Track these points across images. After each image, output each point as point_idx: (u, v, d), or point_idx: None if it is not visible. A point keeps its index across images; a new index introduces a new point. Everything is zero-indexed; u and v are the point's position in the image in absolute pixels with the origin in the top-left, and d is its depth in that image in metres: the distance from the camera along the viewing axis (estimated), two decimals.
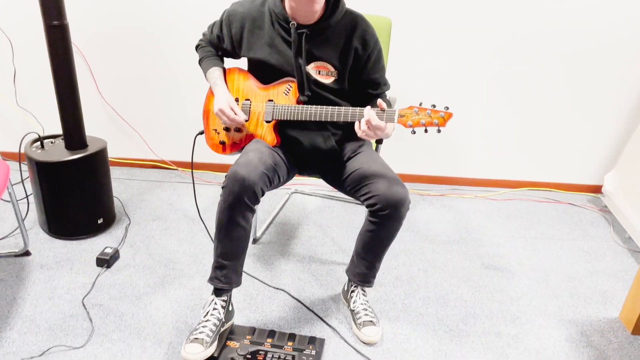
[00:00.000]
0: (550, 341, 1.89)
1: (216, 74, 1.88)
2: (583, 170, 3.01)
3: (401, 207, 1.69)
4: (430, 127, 1.55)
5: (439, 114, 1.53)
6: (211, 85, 1.88)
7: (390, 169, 1.78)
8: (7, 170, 1.91)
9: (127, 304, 1.95)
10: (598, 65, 2.69)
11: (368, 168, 1.77)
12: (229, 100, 1.81)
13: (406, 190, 1.69)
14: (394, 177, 1.73)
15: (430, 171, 3.04)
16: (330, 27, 1.74)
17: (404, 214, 1.72)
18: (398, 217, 1.71)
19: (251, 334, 1.78)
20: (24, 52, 2.78)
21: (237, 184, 1.62)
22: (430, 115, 1.54)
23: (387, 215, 1.70)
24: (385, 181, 1.70)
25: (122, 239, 2.35)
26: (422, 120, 1.55)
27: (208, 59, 1.92)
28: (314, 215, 2.66)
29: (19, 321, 1.84)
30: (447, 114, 1.52)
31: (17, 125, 2.99)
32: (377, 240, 1.81)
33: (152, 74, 2.82)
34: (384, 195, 1.67)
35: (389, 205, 1.67)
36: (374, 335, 1.82)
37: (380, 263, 1.89)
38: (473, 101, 2.81)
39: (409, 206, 1.71)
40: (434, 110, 1.53)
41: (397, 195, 1.67)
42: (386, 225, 1.75)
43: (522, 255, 2.40)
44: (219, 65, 1.92)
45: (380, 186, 1.69)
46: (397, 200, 1.67)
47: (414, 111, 1.55)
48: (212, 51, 1.94)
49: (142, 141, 3.01)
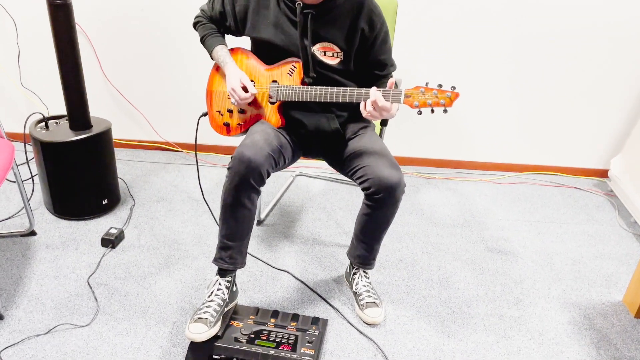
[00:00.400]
0: (553, 324, 1.89)
1: (223, 52, 1.86)
2: (589, 154, 2.98)
3: (395, 191, 1.67)
4: (436, 107, 1.54)
5: (446, 94, 1.51)
6: (220, 64, 1.86)
7: (387, 152, 1.76)
8: (12, 150, 1.92)
9: (132, 284, 1.97)
10: (605, 48, 2.66)
11: (365, 151, 1.76)
12: (241, 76, 1.79)
13: (400, 174, 1.68)
14: (390, 160, 1.72)
15: (435, 154, 3.02)
16: (336, 8, 1.72)
17: (399, 197, 1.70)
18: (393, 201, 1.70)
19: (255, 314, 1.79)
20: (27, 31, 2.77)
21: (242, 165, 1.61)
22: (437, 95, 1.52)
23: (382, 199, 1.69)
24: (379, 164, 1.69)
25: (127, 220, 2.36)
26: (428, 101, 1.53)
27: (211, 37, 1.89)
28: (318, 197, 2.66)
29: (25, 300, 1.86)
30: (454, 93, 1.51)
31: (21, 106, 2.99)
32: (374, 224, 1.80)
33: (156, 54, 2.80)
34: (378, 179, 1.66)
35: (382, 189, 1.67)
36: (376, 316, 1.83)
37: (380, 245, 1.89)
38: (479, 84, 2.79)
39: (404, 189, 1.70)
40: (440, 90, 1.52)
41: (391, 179, 1.65)
42: (382, 209, 1.74)
43: (526, 238, 2.40)
44: (223, 42, 1.89)
45: (374, 169, 1.68)
46: (391, 184, 1.65)
47: (420, 91, 1.54)
48: (213, 28, 1.90)
49: (146, 123, 3.00)
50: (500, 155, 3.01)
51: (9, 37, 2.78)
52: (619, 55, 2.67)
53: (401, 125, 2.92)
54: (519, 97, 2.82)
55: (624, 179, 2.78)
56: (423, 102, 1.54)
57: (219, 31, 1.91)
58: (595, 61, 2.70)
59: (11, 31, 2.76)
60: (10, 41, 2.79)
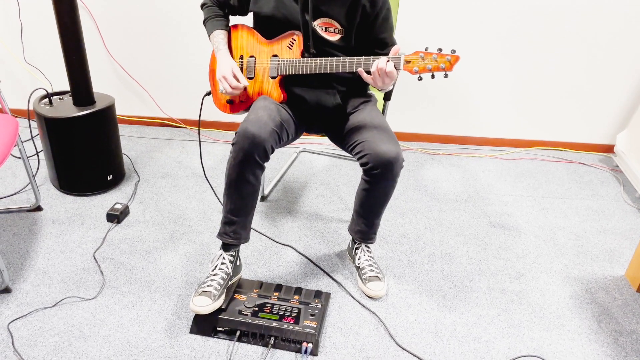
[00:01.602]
0: (554, 297, 1.90)
1: (219, 38, 1.85)
2: (595, 130, 2.96)
3: (393, 166, 1.67)
4: (437, 72, 1.52)
5: (446, 57, 1.49)
6: (214, 49, 1.86)
7: (386, 126, 1.75)
8: (16, 125, 1.92)
9: (138, 258, 1.99)
10: (611, 22, 2.61)
11: (363, 125, 1.76)
12: (232, 65, 1.78)
13: (398, 149, 1.67)
14: (388, 135, 1.71)
15: (439, 130, 3.01)
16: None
17: (397, 172, 1.70)
18: (391, 176, 1.70)
19: (258, 288, 1.81)
20: (30, 7, 2.75)
21: (247, 141, 1.61)
22: (437, 60, 1.50)
23: (379, 174, 1.69)
24: (377, 139, 1.68)
25: (132, 196, 2.38)
26: (428, 65, 1.51)
27: (212, 20, 1.88)
28: (322, 173, 2.66)
29: (32, 273, 1.89)
30: (454, 57, 1.49)
31: (25, 82, 2.99)
32: (373, 199, 1.81)
33: (160, 31, 2.78)
34: (375, 154, 1.66)
35: (380, 164, 1.66)
36: (379, 289, 1.85)
37: (379, 220, 1.89)
38: (484, 59, 2.76)
39: (403, 164, 1.70)
40: (440, 55, 1.50)
41: (388, 154, 1.65)
42: (380, 184, 1.74)
43: (529, 214, 2.40)
44: (223, 28, 1.88)
45: (372, 145, 1.68)
46: (388, 159, 1.65)
47: (419, 57, 1.52)
48: (217, 12, 1.89)
49: (150, 99, 3.00)
50: (504, 130, 2.99)
51: (11, 12, 2.77)
52: (626, 30, 2.63)
53: (405, 101, 2.90)
54: (524, 72, 2.79)
55: (629, 154, 2.77)
56: (423, 67, 1.52)
57: (224, 12, 1.90)
58: (601, 36, 2.66)
59: (14, 6, 2.75)
60: (13, 17, 2.78)
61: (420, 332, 1.73)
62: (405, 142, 3.03)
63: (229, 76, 1.75)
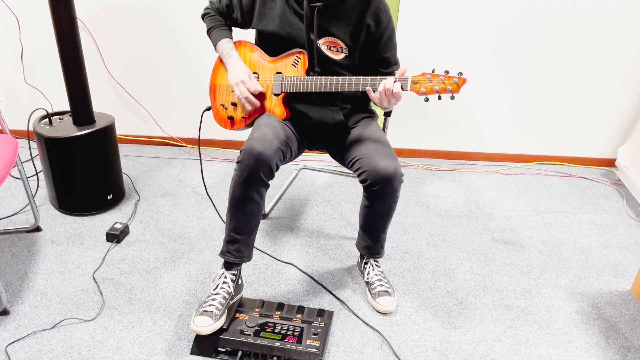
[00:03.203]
0: (561, 313, 1.88)
1: (229, 46, 1.85)
2: (596, 144, 2.96)
3: (391, 182, 1.66)
4: (443, 93, 1.52)
5: (453, 80, 1.50)
6: (224, 57, 1.85)
7: (385, 142, 1.75)
8: (16, 145, 1.92)
9: (137, 278, 1.97)
10: (610, 36, 2.63)
11: (362, 141, 1.75)
12: (248, 71, 1.78)
13: (396, 164, 1.66)
14: (385, 150, 1.70)
15: (440, 146, 3.00)
16: (343, 3, 1.70)
17: (397, 187, 1.69)
18: (390, 191, 1.69)
19: (260, 307, 1.79)
20: (31, 28, 2.77)
21: (252, 159, 1.60)
22: (444, 82, 1.50)
23: (379, 190, 1.68)
24: (375, 155, 1.67)
25: (132, 215, 2.36)
26: (435, 87, 1.51)
27: (217, 29, 1.88)
28: (323, 190, 2.65)
29: (30, 295, 1.86)
30: (461, 79, 1.49)
31: (25, 103, 2.99)
32: (376, 215, 1.80)
33: (160, 50, 2.79)
34: (374, 171, 1.65)
35: (378, 181, 1.65)
36: (389, 304, 1.82)
37: (385, 234, 1.88)
38: (483, 74, 2.76)
39: (402, 179, 1.69)
40: (447, 77, 1.50)
41: (386, 170, 1.64)
42: (381, 200, 1.73)
43: (533, 229, 2.38)
44: (230, 36, 1.89)
45: (370, 161, 1.67)
46: (386, 176, 1.64)
47: (427, 78, 1.52)
48: (221, 21, 1.89)
49: (150, 118, 3.00)
50: (505, 146, 2.99)
51: (12, 34, 2.78)
52: (625, 44, 2.64)
53: (405, 116, 2.90)
54: (524, 87, 2.79)
55: (631, 168, 2.76)
56: (430, 88, 1.52)
57: (226, 24, 1.91)
58: (601, 50, 2.67)
59: (14, 28, 2.76)
60: (14, 38, 2.79)
61: (425, 350, 1.70)
62: (406, 158, 3.03)
63: (247, 79, 1.75)
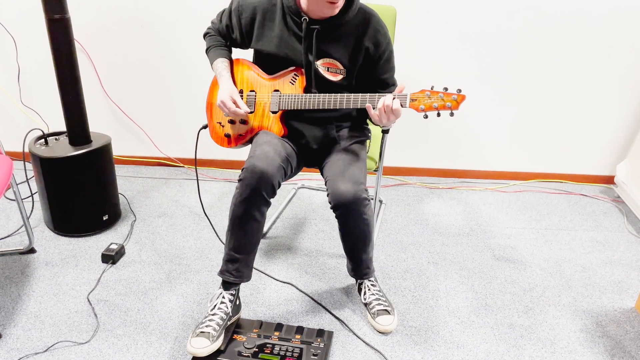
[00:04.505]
0: (565, 332, 1.84)
1: (222, 65, 1.85)
2: (594, 161, 2.95)
3: (351, 206, 1.64)
4: (443, 110, 1.51)
5: (452, 96, 1.49)
6: (217, 75, 1.85)
7: (353, 163, 1.72)
8: (10, 165, 1.90)
9: (133, 300, 1.93)
10: (607, 54, 2.64)
11: (333, 162, 1.74)
12: (231, 91, 1.77)
13: (357, 187, 1.63)
14: (352, 172, 1.68)
15: (438, 164, 2.99)
16: (342, 25, 1.70)
17: (361, 210, 1.66)
18: (355, 215, 1.67)
19: (258, 328, 1.75)
20: (27, 50, 2.77)
21: (255, 177, 1.59)
22: (443, 99, 1.50)
23: (343, 214, 1.67)
24: (338, 179, 1.66)
25: (128, 236, 2.33)
26: (434, 104, 1.51)
27: (215, 49, 1.89)
28: (321, 209, 2.63)
29: (23, 318, 1.82)
30: (460, 96, 1.48)
31: (22, 125, 2.98)
32: (350, 238, 1.78)
33: (156, 70, 2.80)
34: (335, 194, 1.64)
35: (340, 205, 1.64)
36: (389, 323, 1.78)
37: (368, 254, 1.84)
38: (481, 92, 2.77)
39: (366, 202, 1.66)
40: (446, 94, 1.50)
41: (346, 195, 1.62)
42: (348, 224, 1.71)
43: (533, 246, 2.36)
44: (226, 56, 1.89)
45: (333, 184, 1.66)
46: (346, 200, 1.62)
47: (425, 95, 1.51)
48: (220, 40, 1.90)
49: (147, 139, 2.99)
50: (503, 163, 2.98)
51: (9, 55, 2.78)
52: (621, 62, 2.66)
53: (403, 135, 2.89)
54: (521, 105, 2.80)
55: (630, 185, 2.74)
56: (429, 105, 1.51)
57: (225, 44, 1.91)
58: (597, 67, 2.68)
59: (11, 49, 2.77)
60: (10, 59, 2.79)
61: None
62: (405, 176, 3.01)
63: (228, 102, 1.74)
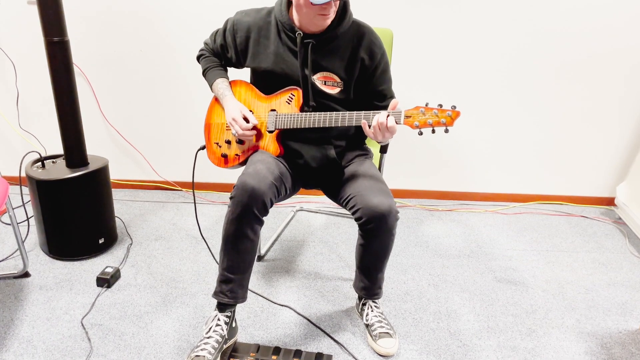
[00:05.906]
0: (569, 354, 1.80)
1: (224, 85, 1.85)
2: (594, 182, 2.94)
3: (386, 219, 1.62)
4: (437, 126, 1.51)
5: (446, 112, 1.49)
6: (219, 97, 1.85)
7: (378, 179, 1.72)
8: (6, 187, 1.88)
9: (128, 324, 1.89)
10: (606, 75, 2.66)
11: (356, 179, 1.73)
12: (240, 107, 1.78)
13: (390, 201, 1.62)
14: (380, 187, 1.67)
15: (438, 186, 2.98)
16: (336, 38, 1.71)
17: (392, 225, 1.65)
18: (386, 229, 1.64)
19: (255, 351, 1.71)
20: (27, 74, 2.78)
21: (246, 194, 1.57)
22: (438, 115, 1.49)
23: (374, 228, 1.64)
24: (369, 192, 1.64)
25: (124, 259, 2.30)
26: (429, 120, 1.50)
27: (213, 70, 1.89)
28: (320, 232, 2.60)
29: (15, 343, 1.78)
30: (455, 112, 1.48)
31: (20, 149, 2.97)
32: (372, 253, 1.74)
33: (155, 95, 2.81)
34: (368, 208, 1.61)
35: (373, 218, 1.61)
36: (390, 347, 1.74)
37: (383, 274, 1.82)
38: (480, 115, 2.78)
39: (397, 216, 1.65)
40: (441, 110, 1.49)
41: (380, 207, 1.60)
42: (376, 238, 1.68)
43: (535, 268, 2.32)
44: (225, 76, 1.89)
45: (364, 198, 1.63)
46: (381, 212, 1.60)
47: (420, 111, 1.51)
48: (216, 61, 1.90)
49: (145, 162, 2.98)
50: (504, 185, 2.96)
51: (8, 79, 2.80)
52: (620, 82, 2.67)
53: (402, 157, 2.89)
54: (520, 126, 2.80)
55: (631, 206, 2.73)
56: (424, 122, 1.51)
57: (221, 64, 1.91)
58: (596, 89, 2.69)
59: (10, 74, 2.78)
60: (10, 84, 2.80)
61: None
62: (404, 198, 3.00)
63: (239, 118, 1.74)
